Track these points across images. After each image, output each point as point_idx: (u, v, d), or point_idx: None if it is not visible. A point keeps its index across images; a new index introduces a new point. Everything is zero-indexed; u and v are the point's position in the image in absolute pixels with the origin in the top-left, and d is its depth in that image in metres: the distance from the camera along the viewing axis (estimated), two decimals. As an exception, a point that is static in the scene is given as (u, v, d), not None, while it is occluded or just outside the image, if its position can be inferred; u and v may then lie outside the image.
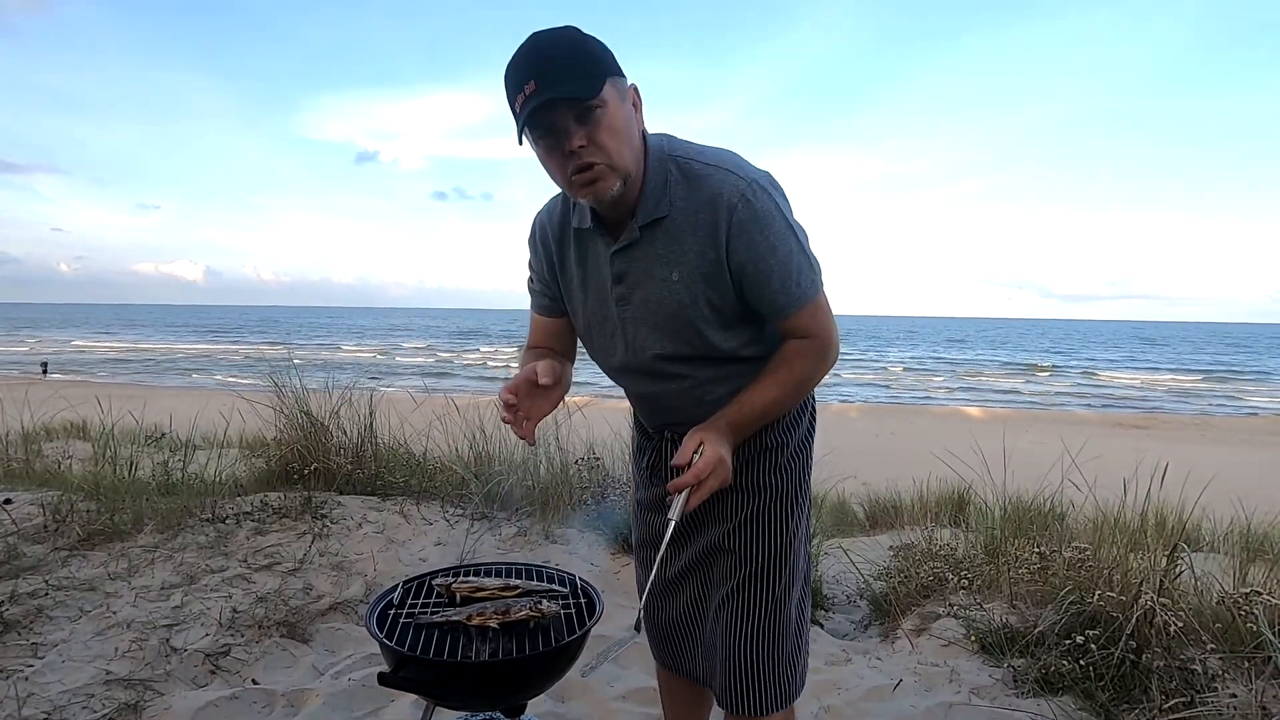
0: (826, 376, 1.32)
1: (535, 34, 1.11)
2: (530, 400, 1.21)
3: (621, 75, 1.15)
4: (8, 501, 3.09)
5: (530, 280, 1.43)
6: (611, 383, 1.44)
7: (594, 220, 1.25)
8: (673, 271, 1.22)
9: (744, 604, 1.36)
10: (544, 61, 1.08)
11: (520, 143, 1.13)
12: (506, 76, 1.11)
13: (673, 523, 1.17)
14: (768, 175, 1.22)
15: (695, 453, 1.19)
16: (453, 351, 45.17)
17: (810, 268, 1.23)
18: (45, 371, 26.97)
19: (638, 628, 1.22)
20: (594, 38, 1.13)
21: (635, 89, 1.18)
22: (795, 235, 1.21)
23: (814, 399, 1.44)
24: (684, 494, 1.17)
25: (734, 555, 1.37)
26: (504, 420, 1.19)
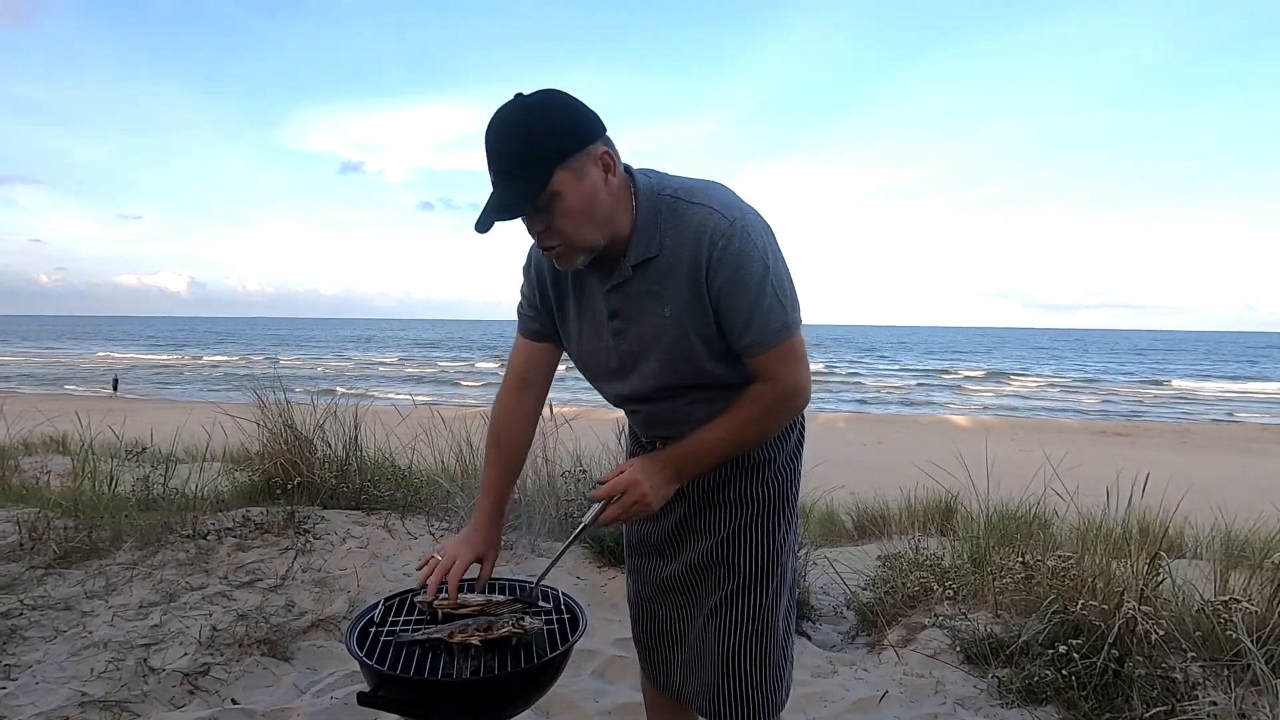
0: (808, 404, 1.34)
1: (493, 116, 1.14)
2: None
3: (580, 149, 1.13)
4: (-17, 519, 3.04)
5: (521, 304, 1.44)
6: (597, 393, 1.46)
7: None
8: (665, 307, 1.24)
9: (732, 615, 1.37)
10: (495, 158, 1.13)
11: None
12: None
13: (583, 525, 1.29)
14: (754, 213, 1.22)
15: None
16: (438, 365, 44.93)
17: (782, 310, 1.22)
18: (116, 387, 25.33)
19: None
20: (546, 119, 1.12)
21: (605, 151, 1.16)
22: (770, 277, 1.20)
23: (802, 414, 1.44)
24: (597, 505, 1.27)
25: (723, 567, 1.38)
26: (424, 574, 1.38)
